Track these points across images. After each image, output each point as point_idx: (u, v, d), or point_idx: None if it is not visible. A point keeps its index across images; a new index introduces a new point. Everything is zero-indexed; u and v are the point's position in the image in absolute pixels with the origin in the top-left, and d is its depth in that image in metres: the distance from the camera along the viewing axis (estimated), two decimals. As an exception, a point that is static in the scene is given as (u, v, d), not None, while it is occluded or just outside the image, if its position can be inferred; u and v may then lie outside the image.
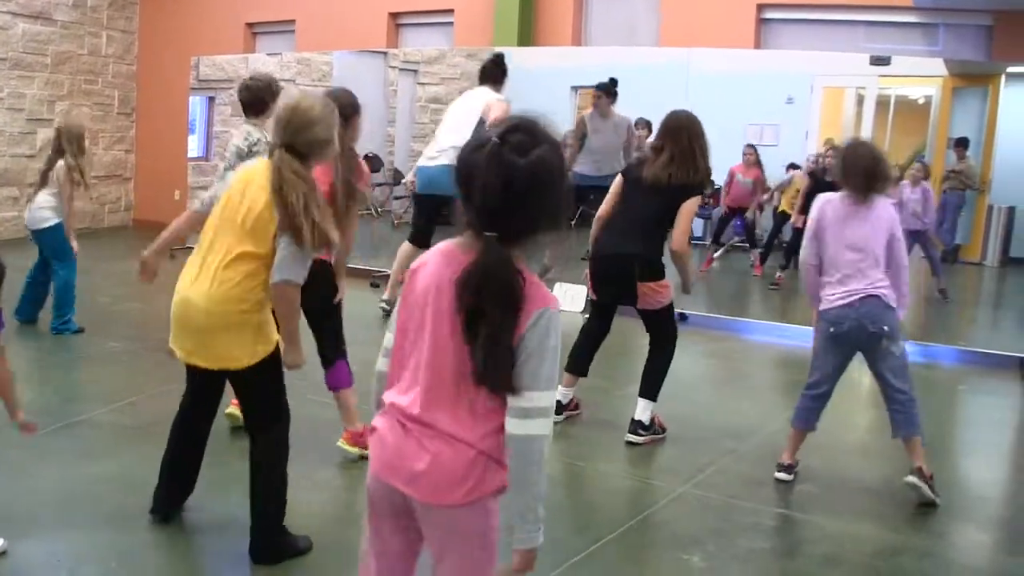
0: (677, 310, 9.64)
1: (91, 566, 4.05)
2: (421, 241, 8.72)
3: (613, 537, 4.62)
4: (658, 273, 5.84)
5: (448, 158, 8.25)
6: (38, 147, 12.91)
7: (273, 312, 3.97)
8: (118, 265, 11.60)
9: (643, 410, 5.95)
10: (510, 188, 2.29)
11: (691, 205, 5.78)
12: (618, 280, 5.88)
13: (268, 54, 14.16)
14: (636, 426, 5.93)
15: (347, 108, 4.89)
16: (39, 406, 6.17)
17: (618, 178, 6.06)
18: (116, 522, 4.45)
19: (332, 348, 5.23)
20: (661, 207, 5.78)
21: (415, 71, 17.70)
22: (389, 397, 2.50)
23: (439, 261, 2.46)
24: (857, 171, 5.12)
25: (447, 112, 8.81)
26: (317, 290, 4.62)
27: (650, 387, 5.97)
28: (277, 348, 4.05)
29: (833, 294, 5.13)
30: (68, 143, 7.84)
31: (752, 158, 13.38)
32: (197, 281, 3.91)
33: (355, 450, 5.24)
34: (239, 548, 4.11)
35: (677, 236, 5.79)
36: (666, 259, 5.87)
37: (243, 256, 3.85)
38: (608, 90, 10.86)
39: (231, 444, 5.17)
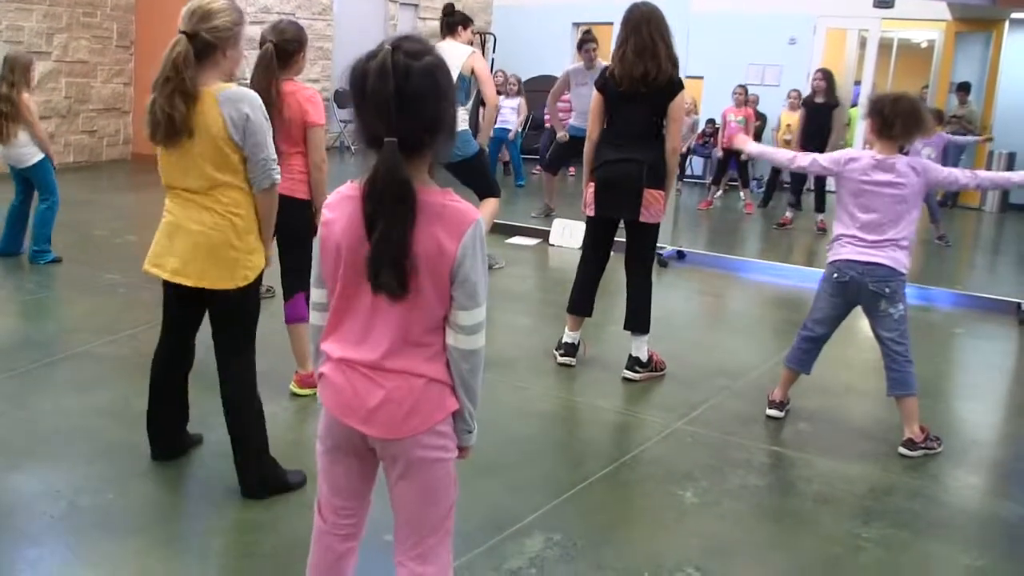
0: (675, 247, 9.75)
1: (89, 496, 4.08)
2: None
3: (606, 472, 4.65)
4: (662, 180, 5.78)
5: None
6: (35, 80, 12.82)
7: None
8: (117, 198, 11.59)
9: (639, 346, 5.95)
10: (405, 89, 2.30)
11: (679, 104, 5.73)
12: (624, 187, 5.76)
13: (268, -13, 14.06)
14: (633, 363, 5.94)
15: (291, 43, 4.92)
16: (38, 338, 6.21)
17: (595, 95, 5.92)
18: (114, 453, 4.48)
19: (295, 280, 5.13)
20: (650, 114, 5.75)
21: (416, 5, 17.64)
22: (331, 349, 2.55)
23: (352, 206, 2.45)
24: (897, 119, 4.97)
25: None
26: (289, 222, 4.62)
27: (640, 321, 5.95)
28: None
29: (844, 244, 5.09)
30: (20, 74, 7.90)
31: (742, 98, 13.40)
32: None
33: (306, 391, 5.24)
34: (234, 478, 4.15)
35: (673, 140, 5.79)
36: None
37: None
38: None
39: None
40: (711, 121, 15.20)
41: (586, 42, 10.54)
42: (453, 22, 8.26)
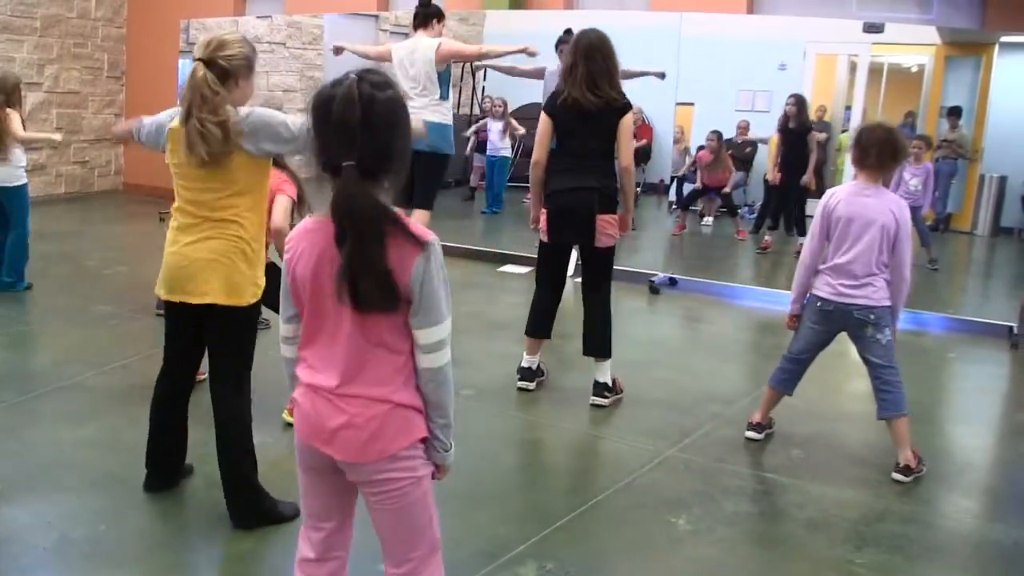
0: (666, 274, 9.74)
1: (82, 528, 4.07)
2: (403, 199, 8.32)
3: (599, 500, 4.64)
4: (614, 204, 5.80)
5: (433, 115, 7.91)
6: (27, 110, 12.84)
7: None
8: (108, 229, 11.58)
9: (604, 371, 5.94)
10: (369, 117, 2.37)
11: (628, 123, 5.68)
12: (577, 214, 5.75)
13: (258, 17, 14.09)
14: (601, 388, 5.94)
15: None
16: (29, 370, 6.19)
17: (543, 118, 5.85)
18: (106, 485, 4.47)
19: None
20: (602, 137, 5.70)
21: (406, 34, 17.61)
22: (302, 375, 2.60)
23: (310, 239, 2.52)
24: (872, 148, 4.98)
25: (397, 67, 8.10)
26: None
27: (603, 345, 5.95)
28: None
29: (827, 280, 5.10)
30: (9, 92, 7.86)
31: (714, 144, 13.31)
32: None
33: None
34: (225, 509, 4.14)
35: (624, 155, 5.71)
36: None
37: None
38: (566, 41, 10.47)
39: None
40: (703, 148, 15.21)
41: (563, 42, 9.99)
42: (428, 14, 8.14)
